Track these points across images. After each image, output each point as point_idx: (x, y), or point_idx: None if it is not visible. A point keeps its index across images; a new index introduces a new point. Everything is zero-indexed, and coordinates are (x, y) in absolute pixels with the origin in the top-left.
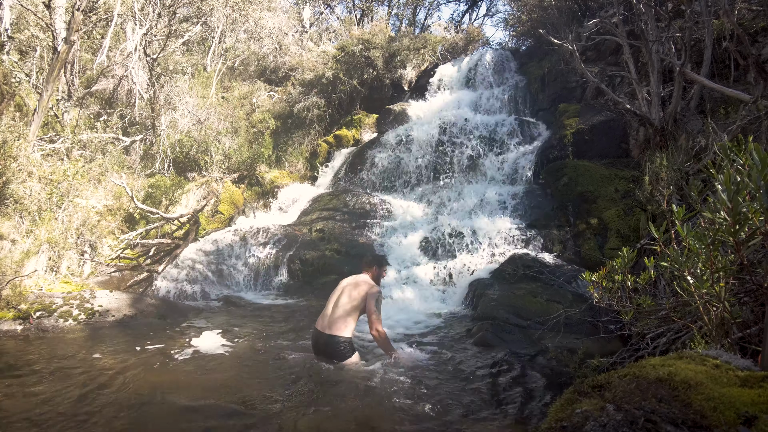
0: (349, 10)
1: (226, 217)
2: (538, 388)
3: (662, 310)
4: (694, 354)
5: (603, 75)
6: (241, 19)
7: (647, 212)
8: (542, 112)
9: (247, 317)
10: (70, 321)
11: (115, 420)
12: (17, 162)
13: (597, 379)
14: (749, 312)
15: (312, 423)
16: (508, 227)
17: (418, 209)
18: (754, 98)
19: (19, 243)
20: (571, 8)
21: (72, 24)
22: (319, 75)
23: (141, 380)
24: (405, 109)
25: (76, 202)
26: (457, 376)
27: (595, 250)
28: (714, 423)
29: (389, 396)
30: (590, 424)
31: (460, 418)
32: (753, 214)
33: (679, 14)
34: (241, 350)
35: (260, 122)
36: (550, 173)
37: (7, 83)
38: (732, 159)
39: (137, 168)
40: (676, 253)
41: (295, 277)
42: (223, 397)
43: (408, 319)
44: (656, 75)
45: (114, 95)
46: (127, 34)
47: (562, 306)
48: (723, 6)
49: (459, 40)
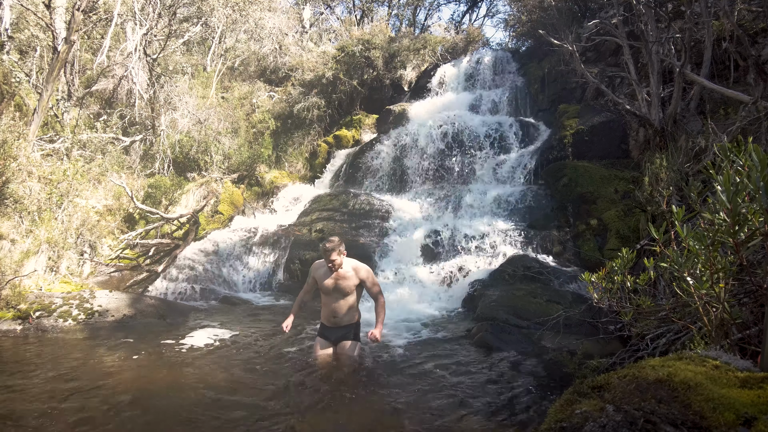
0: (349, 11)
1: (226, 218)
2: (538, 389)
3: (662, 311)
4: (694, 355)
5: (603, 76)
6: (241, 19)
7: (647, 213)
8: (542, 113)
9: (246, 317)
10: (69, 321)
11: (114, 420)
12: (17, 162)
13: (596, 379)
14: (749, 313)
15: (311, 423)
16: (508, 228)
17: (418, 210)
18: (753, 99)
19: (18, 243)
20: (571, 9)
21: (72, 24)
22: (319, 75)
23: (140, 380)
24: (405, 110)
25: (76, 202)
26: (456, 376)
27: (595, 250)
28: (713, 424)
29: (388, 396)
30: (590, 424)
31: (459, 419)
32: (752, 215)
33: (679, 15)
34: (240, 350)
35: (260, 122)
36: (550, 174)
37: (7, 83)
38: (731, 160)
39: (137, 168)
40: (676, 254)
41: (294, 277)
42: (223, 397)
43: (408, 319)
44: (656, 76)
45: (114, 95)
46: (127, 34)
47: (562, 307)
48: (723, 7)
49: (459, 41)
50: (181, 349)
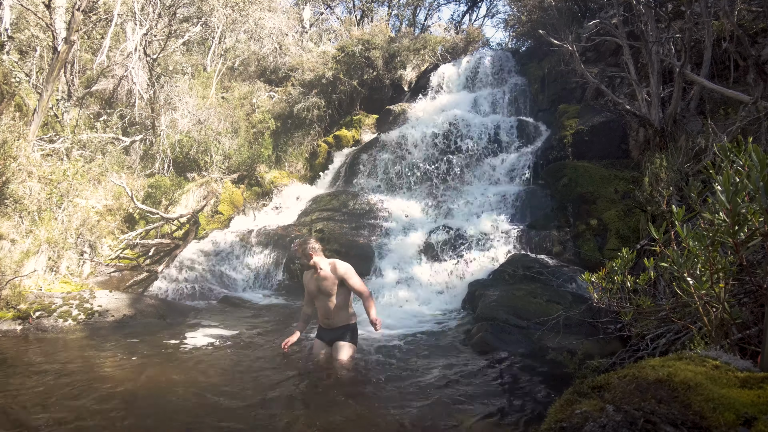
0: (349, 11)
1: (226, 218)
2: (538, 389)
3: (662, 311)
4: (694, 355)
5: (603, 76)
6: (241, 19)
7: (647, 213)
8: (542, 113)
9: (246, 317)
10: (69, 321)
11: (113, 420)
12: (17, 162)
13: (596, 379)
14: (749, 313)
15: (311, 423)
16: (508, 228)
17: (418, 210)
18: (753, 99)
19: (18, 243)
20: (571, 9)
21: (72, 24)
22: (319, 75)
23: (140, 380)
24: (405, 110)
25: (76, 202)
26: (456, 376)
27: (595, 250)
28: (713, 424)
29: (388, 396)
30: (590, 424)
31: (459, 419)
32: (752, 215)
33: (679, 15)
34: (240, 350)
35: (260, 122)
36: (550, 174)
37: (7, 83)
38: (731, 160)
39: (137, 168)
40: (676, 254)
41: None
42: (222, 397)
43: (407, 319)
44: (656, 76)
45: (114, 95)
46: (127, 34)
47: (562, 307)
48: (723, 7)
49: (459, 41)
50: (180, 349)
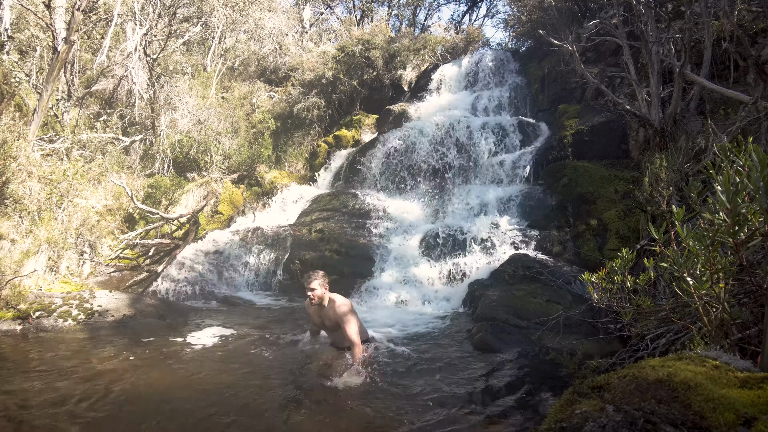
0: (349, 11)
1: (226, 218)
2: (538, 389)
3: (662, 311)
4: (694, 355)
5: (603, 76)
6: (241, 19)
7: (647, 213)
8: (542, 113)
9: (246, 317)
10: (69, 321)
11: (113, 420)
12: (17, 162)
13: (596, 380)
14: (749, 313)
15: (311, 423)
16: (508, 228)
17: (418, 210)
18: (753, 99)
19: (18, 243)
20: (571, 9)
21: (72, 24)
22: (319, 75)
23: (139, 380)
24: (405, 110)
25: (76, 202)
26: (456, 377)
27: (595, 250)
28: (713, 424)
29: (387, 396)
30: (589, 425)
31: (458, 419)
32: (752, 215)
33: (679, 15)
34: (240, 351)
35: (260, 122)
36: (550, 174)
37: (7, 83)
38: (731, 160)
39: (137, 168)
40: (676, 254)
41: (294, 277)
42: (222, 397)
43: (407, 319)
44: (656, 76)
45: (114, 95)
46: (127, 34)
47: (562, 307)
48: (723, 7)
49: (459, 41)
50: (180, 349)
